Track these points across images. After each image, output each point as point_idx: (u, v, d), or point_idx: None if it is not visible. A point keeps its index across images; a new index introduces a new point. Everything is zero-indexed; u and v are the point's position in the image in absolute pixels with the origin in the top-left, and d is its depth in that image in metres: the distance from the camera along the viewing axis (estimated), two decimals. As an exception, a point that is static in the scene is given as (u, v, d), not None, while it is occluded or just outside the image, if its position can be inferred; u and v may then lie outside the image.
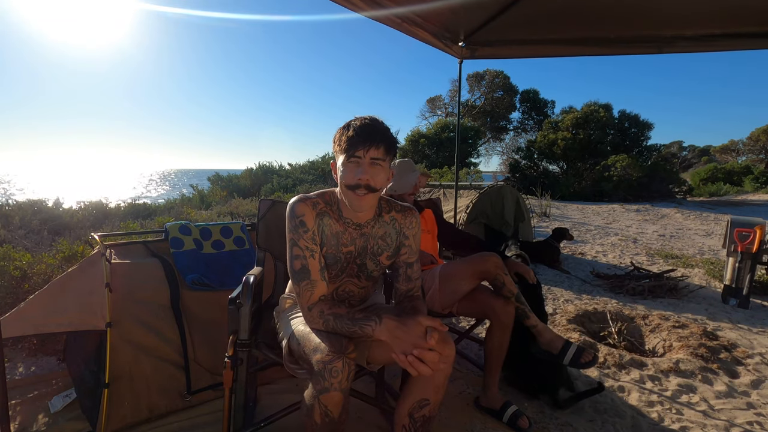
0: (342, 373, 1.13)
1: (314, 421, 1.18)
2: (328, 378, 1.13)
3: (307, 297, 1.29)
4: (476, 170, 17.05)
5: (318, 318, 1.27)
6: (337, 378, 1.13)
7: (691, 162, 28.79)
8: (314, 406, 1.16)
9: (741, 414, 2.02)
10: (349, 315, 1.23)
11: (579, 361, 1.82)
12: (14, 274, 2.49)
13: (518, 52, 3.35)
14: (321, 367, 1.15)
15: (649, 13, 2.56)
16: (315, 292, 1.29)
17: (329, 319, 1.25)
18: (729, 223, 3.73)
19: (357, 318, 1.22)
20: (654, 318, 3.09)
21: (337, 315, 1.24)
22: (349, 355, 1.17)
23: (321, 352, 1.17)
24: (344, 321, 1.22)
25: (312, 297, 1.29)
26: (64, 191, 8.39)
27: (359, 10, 2.31)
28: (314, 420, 1.17)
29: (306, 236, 1.30)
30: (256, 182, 11.30)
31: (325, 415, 1.16)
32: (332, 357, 1.15)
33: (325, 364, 1.14)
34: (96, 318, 1.75)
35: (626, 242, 6.36)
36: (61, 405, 1.85)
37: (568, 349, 1.84)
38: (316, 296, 1.29)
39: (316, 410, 1.16)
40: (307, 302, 1.29)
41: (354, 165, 1.25)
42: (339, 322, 1.23)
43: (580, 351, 1.83)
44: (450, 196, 5.14)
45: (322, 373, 1.14)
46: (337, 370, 1.13)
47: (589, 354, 1.83)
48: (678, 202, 12.55)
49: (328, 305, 1.28)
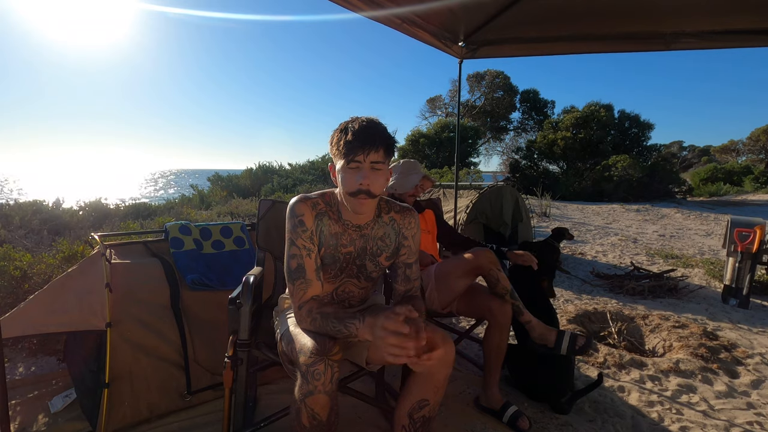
0: (324, 376, 1.12)
1: (302, 424, 1.16)
2: (311, 381, 1.12)
3: (300, 296, 1.29)
4: (476, 170, 17.05)
5: (306, 317, 1.26)
6: (319, 380, 1.11)
7: (691, 162, 28.80)
8: (301, 409, 1.15)
9: (741, 414, 2.02)
10: (336, 314, 1.21)
11: (575, 348, 1.83)
12: (14, 274, 2.49)
13: (519, 51, 3.34)
14: (304, 369, 1.14)
15: (650, 8, 2.54)
16: (308, 291, 1.29)
17: (317, 318, 1.23)
18: (729, 223, 3.73)
19: (342, 317, 1.19)
20: (654, 318, 3.09)
21: (324, 314, 1.23)
22: (332, 356, 1.14)
23: (305, 354, 1.16)
24: (330, 320, 1.20)
25: (304, 296, 1.28)
26: (64, 191, 8.40)
27: (359, 11, 2.31)
28: (302, 423, 1.16)
29: (304, 236, 1.30)
30: (256, 182, 11.30)
31: (313, 418, 1.15)
32: (315, 359, 1.13)
33: (308, 366, 1.13)
34: (96, 318, 1.75)
35: (626, 242, 6.36)
36: (61, 405, 1.85)
37: (562, 339, 1.86)
38: (309, 295, 1.29)
39: (303, 413, 1.15)
40: (299, 301, 1.29)
41: (354, 170, 1.23)
42: (325, 322, 1.21)
43: (574, 338, 1.86)
44: (450, 196, 5.13)
45: (305, 376, 1.13)
46: (319, 373, 1.12)
47: (582, 339, 1.85)
48: (678, 202, 12.55)
49: (317, 304, 1.27)
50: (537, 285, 2.25)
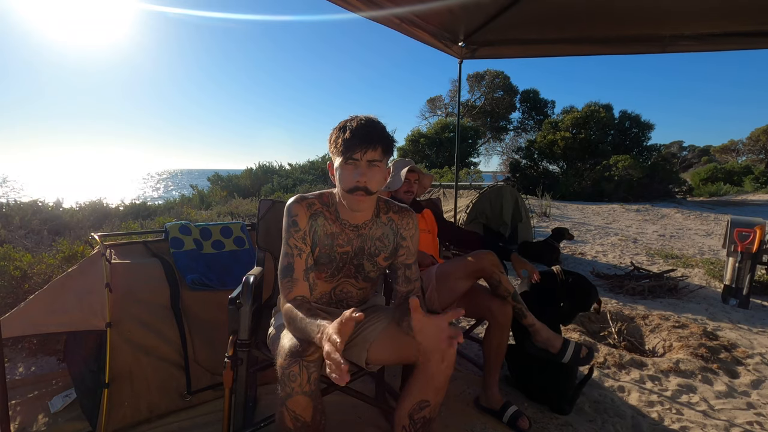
0: (300, 377, 1.11)
1: (286, 426, 1.16)
2: (288, 383, 1.12)
3: (286, 293, 1.30)
4: (476, 170, 17.05)
5: (287, 315, 1.26)
6: (295, 382, 1.11)
7: (691, 162, 28.82)
8: (283, 412, 1.15)
9: (741, 414, 2.02)
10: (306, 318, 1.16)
11: (578, 358, 1.82)
12: (14, 274, 2.49)
13: (518, 52, 3.34)
14: (280, 372, 1.14)
15: (649, 11, 2.55)
16: (293, 290, 1.30)
17: (296, 318, 1.20)
18: (729, 223, 3.73)
19: (310, 322, 1.13)
20: (654, 318, 3.09)
21: (299, 317, 1.18)
22: (306, 358, 1.12)
23: (281, 357, 1.16)
24: (304, 323, 1.16)
25: (290, 294, 1.29)
26: (64, 191, 8.40)
27: (358, 11, 2.31)
28: (286, 425, 1.16)
29: (296, 235, 1.31)
30: (256, 182, 11.31)
31: (296, 419, 1.15)
32: (289, 361, 1.12)
33: (284, 369, 1.13)
34: (96, 318, 1.75)
35: (626, 242, 6.36)
36: (61, 405, 1.85)
37: (567, 348, 1.84)
38: (293, 294, 1.29)
39: (286, 416, 1.15)
40: (285, 298, 1.30)
41: (351, 168, 1.24)
42: (300, 324, 1.17)
43: (579, 348, 1.84)
44: (450, 196, 5.14)
45: (283, 378, 1.13)
46: (294, 375, 1.11)
47: (586, 349, 1.85)
48: (678, 202, 12.55)
49: (298, 303, 1.26)
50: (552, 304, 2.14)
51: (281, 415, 1.16)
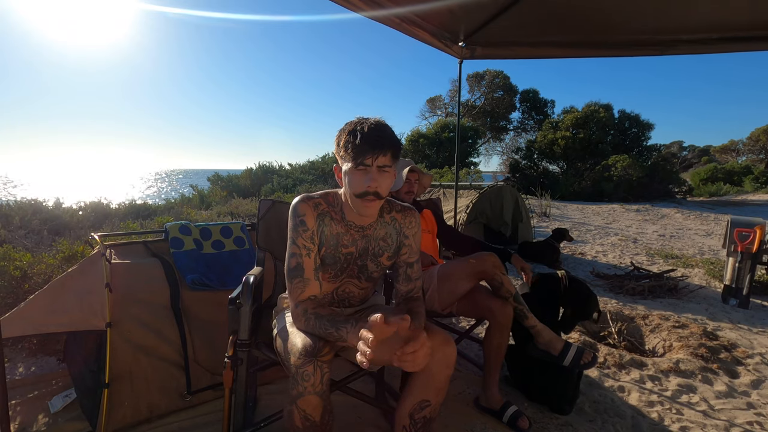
0: (314, 377, 1.12)
1: (295, 426, 1.16)
2: (300, 382, 1.12)
3: (297, 294, 1.29)
4: (476, 170, 17.05)
5: (302, 316, 1.26)
6: (309, 381, 1.11)
7: (691, 162, 28.79)
8: (293, 411, 1.15)
9: (741, 414, 2.02)
10: (330, 317, 1.21)
11: (580, 363, 1.82)
12: (14, 274, 2.48)
13: (518, 53, 3.34)
14: (294, 370, 1.14)
15: (648, 17, 2.56)
16: (305, 290, 1.29)
17: (311, 318, 1.23)
18: (729, 223, 3.73)
19: (335, 320, 1.19)
20: (654, 318, 3.09)
21: (318, 315, 1.23)
22: (321, 358, 1.13)
23: (294, 355, 1.16)
24: (323, 321, 1.20)
25: (301, 294, 1.29)
26: (64, 191, 8.39)
27: (359, 11, 2.31)
28: (295, 424, 1.16)
29: (305, 235, 1.30)
30: (256, 182, 11.31)
31: (305, 419, 1.15)
32: (304, 360, 1.13)
33: (297, 367, 1.13)
34: (96, 318, 1.75)
35: (626, 242, 6.36)
36: (61, 405, 1.85)
37: (568, 351, 1.84)
38: (306, 294, 1.29)
39: (296, 414, 1.15)
40: (296, 299, 1.29)
41: (362, 173, 1.23)
42: (319, 323, 1.21)
43: (581, 352, 1.83)
44: (450, 196, 5.14)
45: (295, 377, 1.13)
46: (308, 374, 1.12)
47: (588, 354, 1.83)
48: (678, 202, 12.55)
49: (313, 304, 1.27)
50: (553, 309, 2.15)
51: (290, 413, 1.16)
